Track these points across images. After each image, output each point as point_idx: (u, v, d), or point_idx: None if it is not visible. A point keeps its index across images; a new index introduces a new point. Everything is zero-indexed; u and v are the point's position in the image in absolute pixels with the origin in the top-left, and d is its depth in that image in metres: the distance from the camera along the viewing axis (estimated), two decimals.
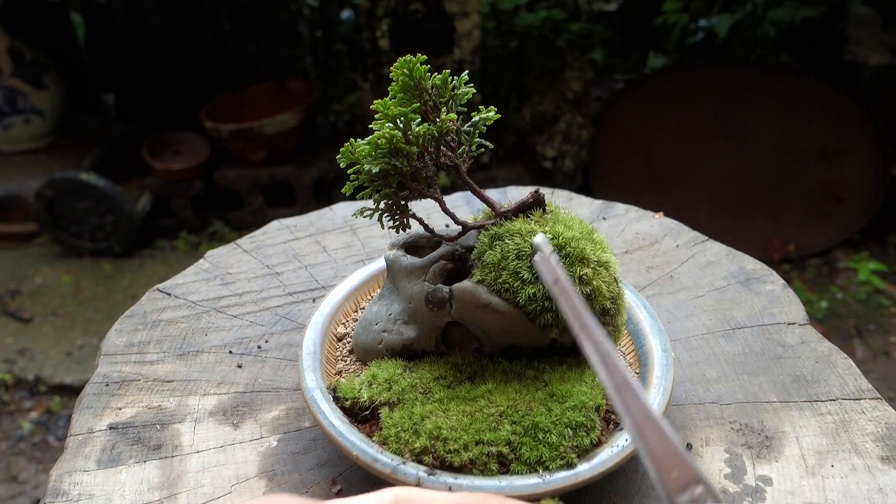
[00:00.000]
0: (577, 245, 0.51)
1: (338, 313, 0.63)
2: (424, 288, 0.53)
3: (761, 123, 2.53)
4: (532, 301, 0.50)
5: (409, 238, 0.59)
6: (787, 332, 0.68)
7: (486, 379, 0.53)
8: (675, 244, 0.81)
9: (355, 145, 0.51)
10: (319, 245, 0.83)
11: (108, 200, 2.56)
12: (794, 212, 2.50)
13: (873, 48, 2.46)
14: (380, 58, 2.46)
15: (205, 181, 2.73)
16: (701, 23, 2.95)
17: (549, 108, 2.59)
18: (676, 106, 2.61)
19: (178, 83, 2.99)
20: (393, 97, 0.51)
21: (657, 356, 0.56)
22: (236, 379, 0.64)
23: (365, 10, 2.42)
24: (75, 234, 2.64)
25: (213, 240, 2.73)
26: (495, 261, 0.51)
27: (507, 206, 0.54)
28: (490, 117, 0.54)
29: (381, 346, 0.56)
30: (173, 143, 2.83)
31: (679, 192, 2.59)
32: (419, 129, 0.50)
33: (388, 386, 0.52)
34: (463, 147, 0.54)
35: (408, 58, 0.50)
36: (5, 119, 2.79)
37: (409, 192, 0.54)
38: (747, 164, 2.55)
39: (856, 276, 2.32)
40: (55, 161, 2.77)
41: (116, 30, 2.93)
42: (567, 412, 0.49)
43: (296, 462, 0.55)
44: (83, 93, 3.19)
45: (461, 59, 2.43)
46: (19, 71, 2.74)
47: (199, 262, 0.81)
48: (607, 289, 0.52)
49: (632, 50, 3.33)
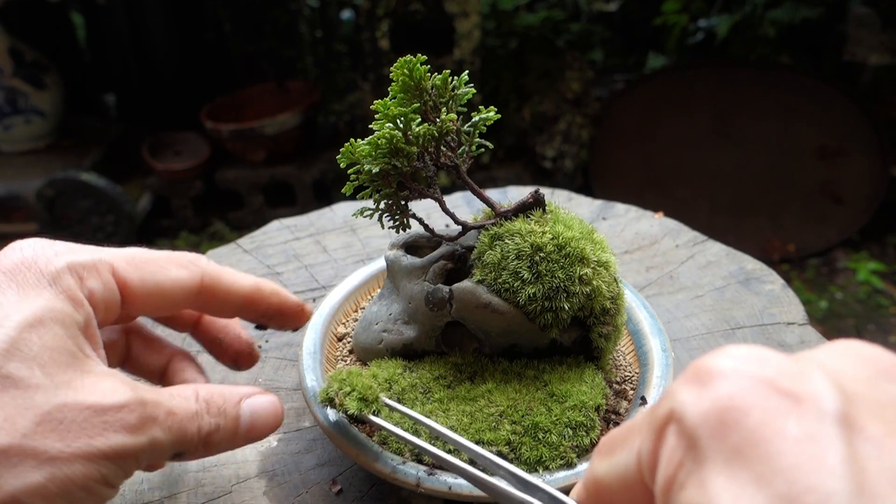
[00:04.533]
0: (577, 245, 0.51)
1: (338, 313, 0.63)
2: (424, 288, 0.53)
3: (761, 123, 2.53)
4: (532, 301, 0.50)
5: (409, 238, 0.59)
6: (786, 332, 0.68)
7: (486, 379, 0.53)
8: (675, 244, 0.81)
9: (355, 145, 0.51)
10: (319, 245, 0.83)
11: (108, 200, 2.56)
12: (794, 212, 2.50)
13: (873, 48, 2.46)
14: (380, 58, 2.46)
15: (205, 181, 2.74)
16: (701, 23, 2.95)
17: (549, 108, 2.59)
18: (676, 106, 2.61)
19: (179, 83, 2.99)
20: (393, 97, 0.52)
21: (657, 356, 0.56)
22: (236, 379, 0.64)
23: (365, 10, 2.42)
24: (76, 234, 2.64)
25: (214, 240, 2.73)
26: (495, 261, 0.51)
27: (507, 206, 0.54)
28: (490, 117, 0.54)
29: (381, 345, 0.56)
30: (173, 143, 2.83)
31: (679, 192, 2.59)
32: (419, 129, 0.50)
33: (388, 386, 0.52)
34: (463, 147, 0.54)
35: (408, 58, 0.50)
36: (6, 119, 2.79)
37: (409, 192, 0.54)
38: (747, 164, 2.55)
39: (855, 276, 2.33)
40: (56, 161, 2.77)
41: (117, 30, 2.93)
42: (567, 412, 0.50)
43: (296, 462, 0.55)
44: (83, 93, 3.19)
45: (461, 59, 2.43)
46: (20, 71, 2.74)
47: None
48: (607, 289, 0.52)
49: (632, 50, 3.33)
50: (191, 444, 0.38)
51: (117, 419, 0.34)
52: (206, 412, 0.39)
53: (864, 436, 0.20)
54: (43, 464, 0.31)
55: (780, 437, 0.20)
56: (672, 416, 0.23)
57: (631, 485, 0.25)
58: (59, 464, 0.32)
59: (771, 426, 0.20)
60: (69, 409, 0.33)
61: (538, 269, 0.50)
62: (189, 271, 0.43)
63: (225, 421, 0.40)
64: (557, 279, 0.50)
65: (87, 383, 0.34)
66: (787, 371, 0.22)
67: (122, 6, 2.85)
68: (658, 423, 0.24)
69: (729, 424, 0.21)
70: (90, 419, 0.33)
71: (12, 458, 0.31)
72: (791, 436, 0.20)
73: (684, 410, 0.22)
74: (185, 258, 0.43)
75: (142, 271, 0.41)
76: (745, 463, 0.20)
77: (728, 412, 0.21)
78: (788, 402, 0.21)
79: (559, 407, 0.50)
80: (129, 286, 0.40)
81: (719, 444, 0.21)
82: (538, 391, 0.51)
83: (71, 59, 3.12)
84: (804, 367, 0.22)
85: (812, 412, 0.20)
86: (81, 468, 0.32)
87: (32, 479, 0.31)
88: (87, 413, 0.33)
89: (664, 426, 0.23)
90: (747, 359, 0.22)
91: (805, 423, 0.20)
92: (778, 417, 0.20)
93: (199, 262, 0.44)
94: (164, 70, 2.98)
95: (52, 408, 0.32)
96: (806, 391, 0.21)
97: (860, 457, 0.19)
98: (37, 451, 0.32)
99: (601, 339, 0.53)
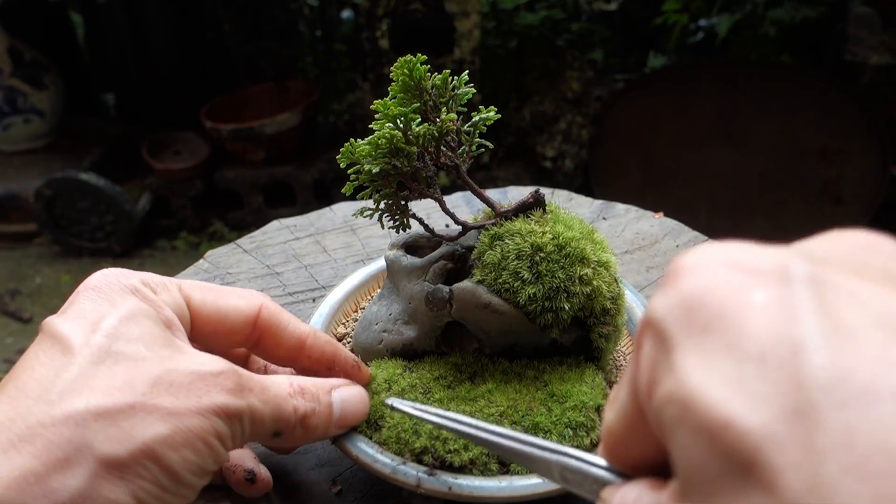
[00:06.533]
0: (577, 245, 0.51)
1: (338, 313, 0.63)
2: (424, 288, 0.53)
3: (761, 123, 2.53)
4: (532, 301, 0.50)
5: (409, 238, 0.59)
6: None
7: (486, 379, 0.53)
8: (675, 244, 0.81)
9: (355, 145, 0.51)
10: (319, 245, 0.83)
11: (107, 200, 2.56)
12: (794, 212, 2.50)
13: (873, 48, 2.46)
14: (380, 58, 2.46)
15: (205, 181, 2.73)
16: (701, 23, 2.95)
17: (549, 108, 2.59)
18: (676, 106, 2.61)
19: (178, 83, 2.99)
20: (393, 97, 0.51)
21: None
22: None
23: (365, 10, 2.42)
24: (75, 234, 2.64)
25: (213, 240, 2.73)
26: (495, 261, 0.51)
27: (507, 206, 0.54)
28: (490, 117, 0.54)
29: (381, 346, 0.56)
30: (173, 143, 2.83)
31: (679, 192, 2.59)
32: (419, 129, 0.50)
33: (388, 386, 0.52)
34: (463, 147, 0.54)
35: (408, 58, 0.50)
36: (5, 119, 2.79)
37: (409, 192, 0.54)
38: (747, 164, 2.55)
39: None
40: (55, 161, 2.77)
41: (116, 30, 2.93)
42: (567, 412, 0.49)
43: (296, 462, 0.55)
44: (83, 93, 3.19)
45: (461, 59, 2.43)
46: (19, 71, 2.74)
47: (199, 262, 0.81)
48: (607, 289, 0.52)
49: (632, 50, 3.33)
50: (289, 423, 0.42)
51: (217, 382, 0.38)
52: (300, 395, 0.43)
53: (837, 289, 0.18)
54: (165, 417, 0.36)
55: (746, 307, 0.19)
56: (645, 323, 0.23)
57: (633, 420, 0.24)
58: (179, 417, 0.36)
59: (736, 299, 0.19)
60: (176, 374, 0.37)
61: (538, 270, 0.50)
62: (248, 302, 0.46)
63: (319, 406, 0.44)
64: (558, 279, 0.50)
65: (186, 357, 0.39)
66: (752, 252, 0.21)
67: (121, 6, 2.84)
68: (637, 339, 0.24)
69: (694, 308, 0.20)
70: (195, 382, 0.38)
71: (139, 413, 0.35)
72: (757, 303, 0.19)
73: (654, 312, 0.22)
74: (246, 291, 0.48)
75: (204, 294, 0.45)
76: (713, 336, 0.19)
77: (693, 298, 0.20)
78: (753, 277, 0.20)
79: (559, 407, 0.50)
80: (194, 304, 0.45)
81: (686, 327, 0.20)
82: (538, 391, 0.51)
83: (70, 59, 3.12)
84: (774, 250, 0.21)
85: (777, 280, 0.19)
86: (197, 422, 0.36)
87: (160, 430, 0.35)
88: (192, 377, 0.38)
89: (641, 337, 0.23)
90: (712, 251, 0.22)
91: (770, 290, 0.19)
92: (743, 291, 0.20)
93: (258, 296, 0.48)
94: (164, 70, 2.98)
95: (161, 373, 0.37)
96: (770, 264, 0.20)
97: (833, 305, 0.18)
98: (157, 406, 0.36)
99: (601, 339, 0.53)
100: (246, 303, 0.46)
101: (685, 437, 0.19)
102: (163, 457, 0.35)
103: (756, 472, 0.17)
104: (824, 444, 0.16)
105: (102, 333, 0.38)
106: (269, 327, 0.46)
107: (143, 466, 0.34)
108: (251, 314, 0.46)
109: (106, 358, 0.37)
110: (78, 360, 0.36)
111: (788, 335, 0.18)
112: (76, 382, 0.35)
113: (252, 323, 0.46)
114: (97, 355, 0.37)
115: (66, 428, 0.33)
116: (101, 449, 0.33)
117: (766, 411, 0.17)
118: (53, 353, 0.37)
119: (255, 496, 0.50)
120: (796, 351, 0.17)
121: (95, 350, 0.37)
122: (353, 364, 0.50)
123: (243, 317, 0.46)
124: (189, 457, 0.36)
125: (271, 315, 0.47)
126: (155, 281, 0.44)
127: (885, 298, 0.18)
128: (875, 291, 0.18)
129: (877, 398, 0.16)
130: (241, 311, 0.46)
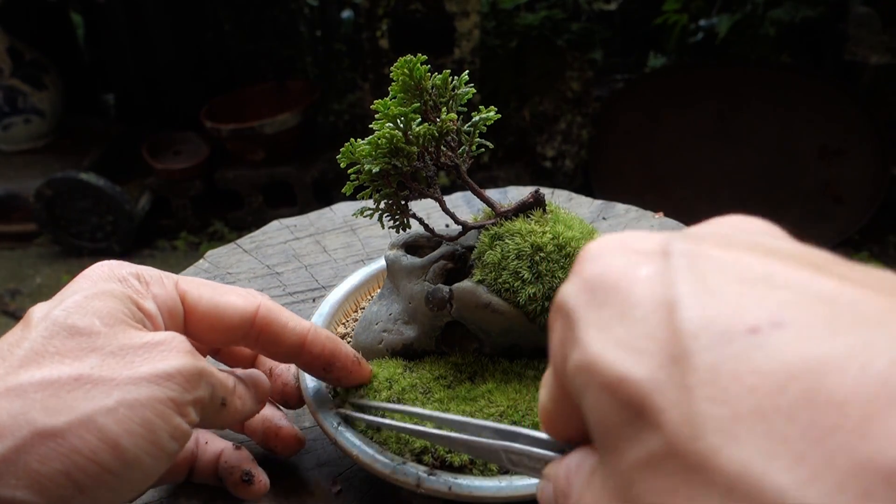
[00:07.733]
0: (577, 245, 0.51)
1: (338, 313, 0.63)
2: (424, 288, 0.53)
3: (761, 123, 2.53)
4: (532, 301, 0.50)
5: (409, 238, 0.59)
6: None
7: (486, 379, 0.53)
8: None
9: (355, 145, 0.51)
10: (319, 245, 0.83)
11: (107, 200, 2.56)
12: (794, 212, 2.50)
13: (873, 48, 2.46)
14: (380, 58, 2.46)
15: (205, 181, 2.73)
16: (701, 23, 2.95)
17: (549, 108, 2.59)
18: (676, 106, 2.61)
19: (178, 83, 2.99)
20: (393, 97, 0.51)
21: None
22: None
23: (365, 10, 2.42)
24: (75, 234, 2.64)
25: (213, 240, 2.73)
26: (495, 261, 0.51)
27: (507, 206, 0.54)
28: (490, 117, 0.54)
29: (381, 345, 0.56)
30: (173, 143, 2.83)
31: (679, 192, 2.59)
32: (419, 129, 0.50)
33: (389, 385, 0.52)
34: (463, 147, 0.54)
35: (408, 58, 0.50)
36: (5, 119, 2.79)
37: (409, 192, 0.54)
38: (747, 164, 2.55)
39: None
40: (55, 161, 2.77)
41: (116, 30, 2.92)
42: None
43: (296, 462, 0.55)
44: (83, 93, 3.19)
45: (461, 59, 2.43)
46: (19, 71, 2.74)
47: (199, 262, 0.81)
48: None
49: (632, 50, 3.33)
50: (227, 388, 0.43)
51: (173, 346, 0.39)
52: None
53: (707, 258, 0.22)
54: (112, 389, 0.35)
55: (634, 280, 0.22)
56: (556, 307, 0.25)
57: (559, 395, 0.26)
58: (127, 387, 0.36)
59: (627, 275, 0.23)
60: (129, 347, 0.38)
61: (538, 269, 0.50)
62: (246, 300, 0.46)
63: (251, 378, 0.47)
64: (558, 279, 0.50)
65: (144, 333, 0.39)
66: (642, 237, 0.24)
67: (121, 6, 2.84)
68: (550, 323, 0.26)
69: (594, 288, 0.23)
70: (150, 350, 0.38)
71: (85, 384, 0.35)
72: (642, 276, 0.22)
73: (561, 296, 0.25)
74: (244, 289, 0.48)
75: (201, 290, 0.45)
76: (608, 309, 0.22)
77: (592, 279, 0.24)
78: (641, 256, 0.23)
79: None
80: (190, 300, 0.45)
81: (587, 305, 0.23)
82: (538, 391, 0.51)
83: (70, 59, 3.12)
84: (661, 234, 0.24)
85: (659, 256, 0.22)
86: (147, 390, 0.36)
87: (105, 402, 0.35)
88: (147, 346, 0.38)
89: (553, 321, 0.26)
90: (609, 240, 0.25)
91: (653, 265, 0.22)
92: (631, 268, 0.23)
93: (257, 295, 0.48)
94: (164, 70, 2.98)
95: (115, 347, 0.37)
96: (656, 245, 0.23)
97: (703, 271, 0.21)
98: (104, 378, 0.36)
99: None
100: (244, 300, 0.46)
101: (592, 398, 0.22)
102: (105, 428, 0.34)
103: (645, 415, 0.20)
104: (694, 382, 0.19)
105: (62, 308, 0.38)
106: (268, 324, 0.46)
107: (81, 438, 0.33)
108: (249, 311, 0.46)
109: (60, 331, 0.37)
110: (33, 334, 0.37)
111: (665, 298, 0.21)
112: (26, 356, 0.36)
113: (250, 320, 0.46)
114: (51, 329, 0.37)
115: (7, 400, 0.33)
116: (37, 419, 0.33)
117: (649, 363, 0.20)
118: (16, 329, 0.38)
119: (252, 499, 0.50)
120: (672, 309, 0.20)
121: (50, 324, 0.37)
122: (354, 359, 0.50)
123: (241, 314, 0.45)
124: (136, 429, 0.35)
125: (270, 312, 0.46)
126: (150, 274, 0.44)
127: (746, 261, 0.21)
128: (739, 256, 0.21)
129: (732, 338, 0.19)
130: (238, 308, 0.45)
